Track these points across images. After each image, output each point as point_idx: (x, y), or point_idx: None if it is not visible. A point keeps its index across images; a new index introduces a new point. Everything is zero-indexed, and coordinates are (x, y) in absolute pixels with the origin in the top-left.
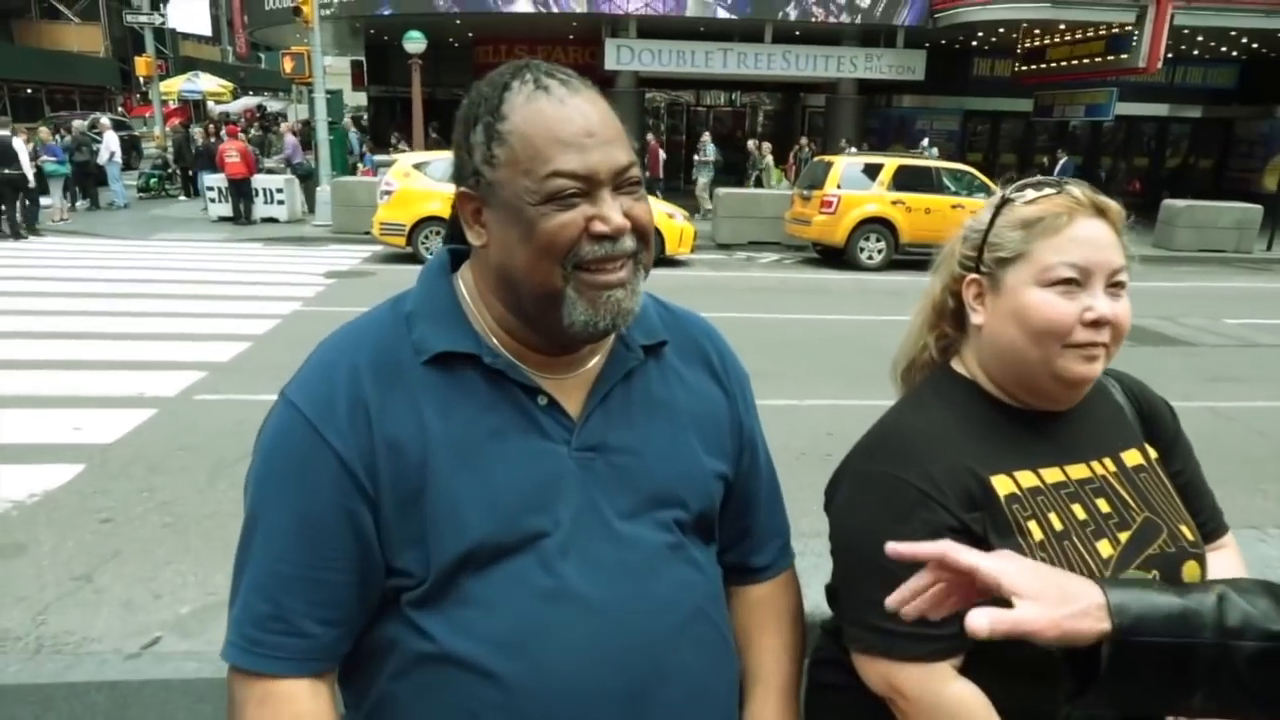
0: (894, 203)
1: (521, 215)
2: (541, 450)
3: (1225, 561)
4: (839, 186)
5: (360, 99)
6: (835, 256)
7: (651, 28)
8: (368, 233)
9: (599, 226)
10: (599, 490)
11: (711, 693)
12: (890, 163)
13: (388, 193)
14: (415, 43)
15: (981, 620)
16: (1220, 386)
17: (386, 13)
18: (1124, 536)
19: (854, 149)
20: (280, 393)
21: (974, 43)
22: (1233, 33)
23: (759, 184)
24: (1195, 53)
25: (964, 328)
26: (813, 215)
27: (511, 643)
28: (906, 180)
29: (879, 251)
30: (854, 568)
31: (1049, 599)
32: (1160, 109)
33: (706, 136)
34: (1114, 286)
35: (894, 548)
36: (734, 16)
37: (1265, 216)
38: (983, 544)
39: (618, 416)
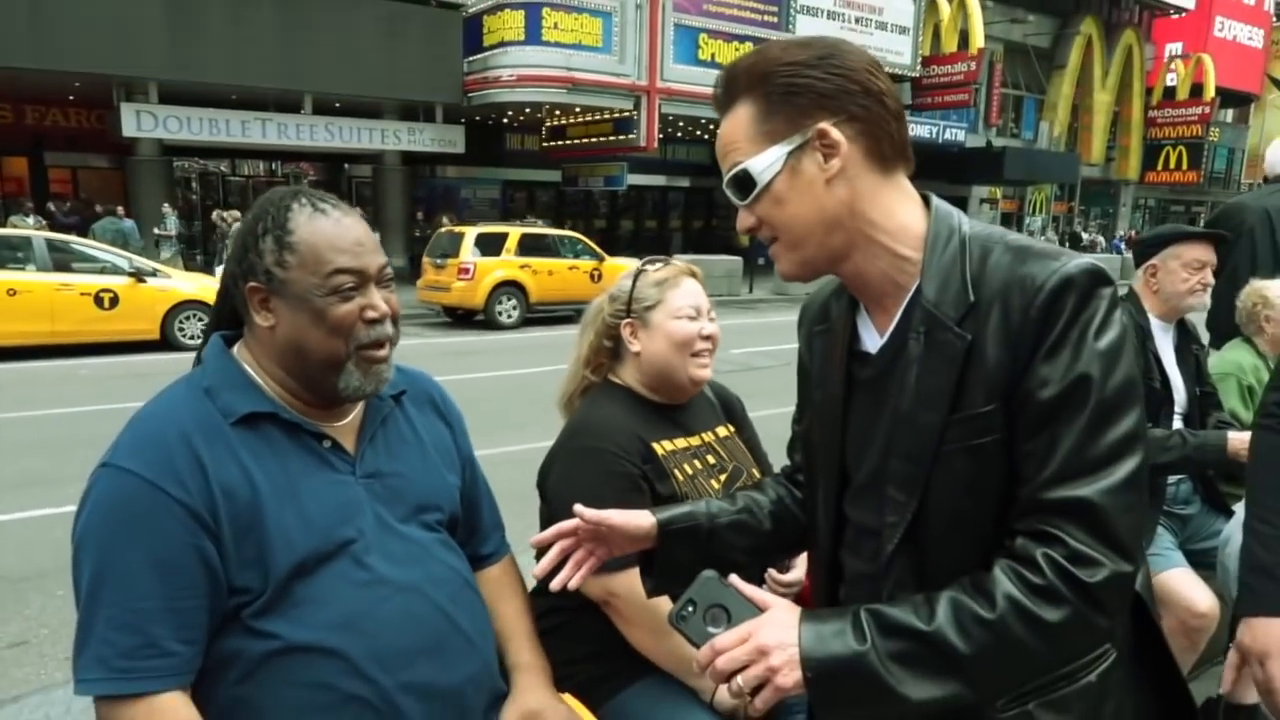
0: (521, 267)
1: (311, 304)
2: (336, 481)
3: None
4: (473, 254)
5: None
6: (467, 319)
7: (176, 92)
8: None
9: (370, 312)
10: (382, 505)
11: (483, 638)
12: (514, 232)
13: None
14: None
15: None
16: None
17: None
18: (724, 477)
19: (540, 221)
20: (100, 464)
21: (505, 120)
22: (702, 120)
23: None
24: (680, 135)
25: (619, 357)
26: (450, 282)
27: (345, 624)
28: (530, 247)
29: (514, 310)
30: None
31: (619, 517)
32: (660, 179)
33: (165, 208)
34: (711, 318)
35: (581, 510)
36: (265, 85)
37: (745, 266)
38: (652, 485)
39: (382, 450)
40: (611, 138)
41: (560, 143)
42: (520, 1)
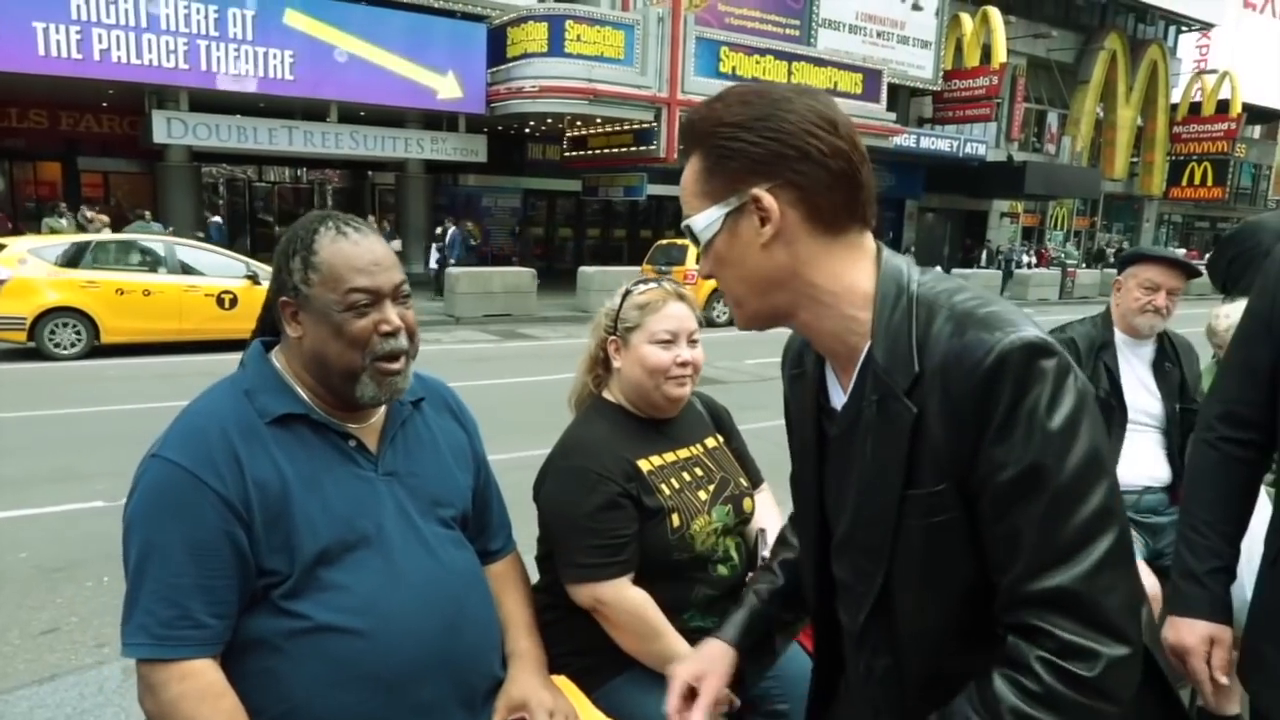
0: None
1: (331, 319)
2: (359, 476)
3: (762, 498)
4: (698, 264)
5: None
6: None
7: (206, 100)
8: None
9: (384, 326)
10: (402, 500)
11: (490, 626)
12: None
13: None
14: None
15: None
16: (749, 413)
17: None
18: (711, 488)
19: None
20: (150, 455)
21: (527, 130)
22: None
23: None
24: None
25: (610, 370)
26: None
27: (366, 608)
28: None
29: (725, 310)
30: (564, 528)
31: (701, 668)
32: (679, 190)
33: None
34: (692, 342)
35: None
36: (295, 95)
37: None
38: (638, 501)
39: (401, 450)
40: (632, 149)
41: (581, 153)
42: (544, 14)
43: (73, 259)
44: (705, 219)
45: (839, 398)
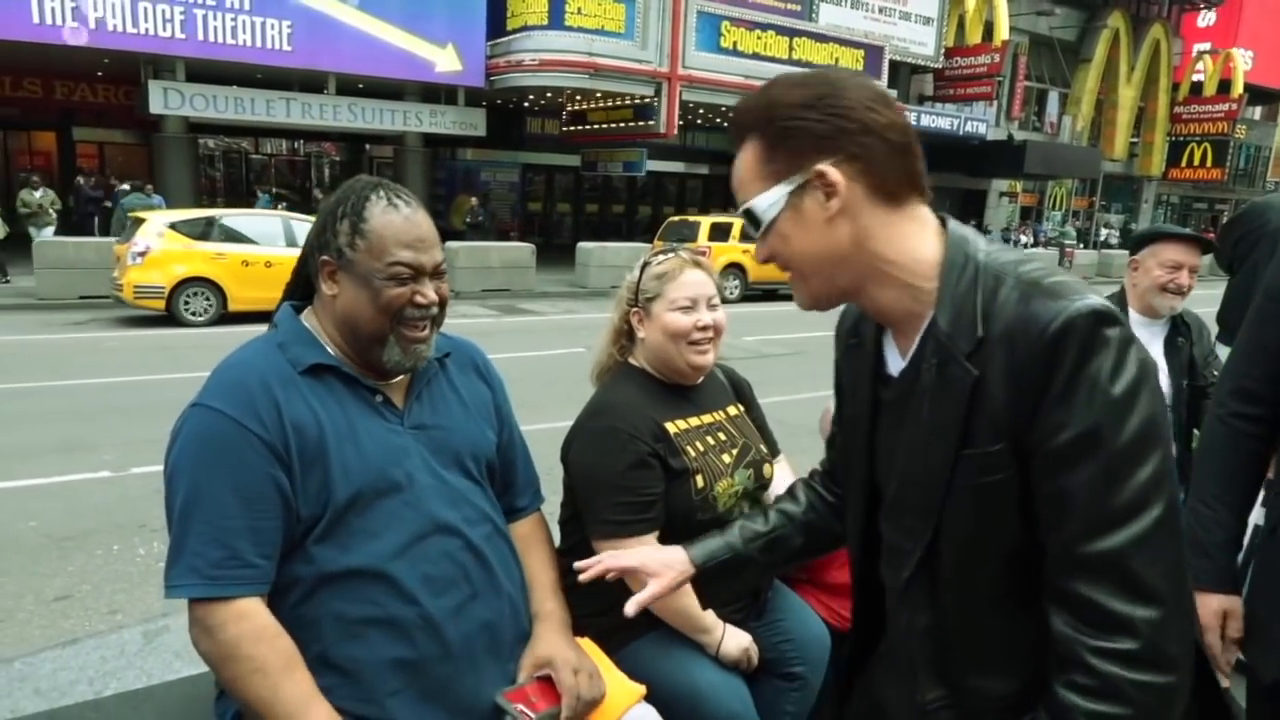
0: (744, 251)
1: (371, 285)
2: (388, 429)
3: (780, 467)
4: (709, 240)
5: None
6: None
7: (203, 70)
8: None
9: (420, 299)
10: (428, 452)
11: (511, 580)
12: (737, 221)
13: (142, 254)
14: None
15: (630, 607)
16: None
17: None
18: (735, 452)
19: None
20: (190, 405)
21: (526, 104)
22: (723, 108)
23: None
24: (700, 122)
25: (634, 341)
26: None
27: (395, 553)
28: (747, 234)
29: (736, 288)
30: (594, 487)
31: (656, 566)
32: (679, 166)
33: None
34: (712, 306)
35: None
36: (292, 66)
37: None
38: (665, 461)
39: (427, 406)
40: (632, 124)
41: (580, 127)
42: None
43: (203, 232)
44: (768, 199)
45: (897, 364)
